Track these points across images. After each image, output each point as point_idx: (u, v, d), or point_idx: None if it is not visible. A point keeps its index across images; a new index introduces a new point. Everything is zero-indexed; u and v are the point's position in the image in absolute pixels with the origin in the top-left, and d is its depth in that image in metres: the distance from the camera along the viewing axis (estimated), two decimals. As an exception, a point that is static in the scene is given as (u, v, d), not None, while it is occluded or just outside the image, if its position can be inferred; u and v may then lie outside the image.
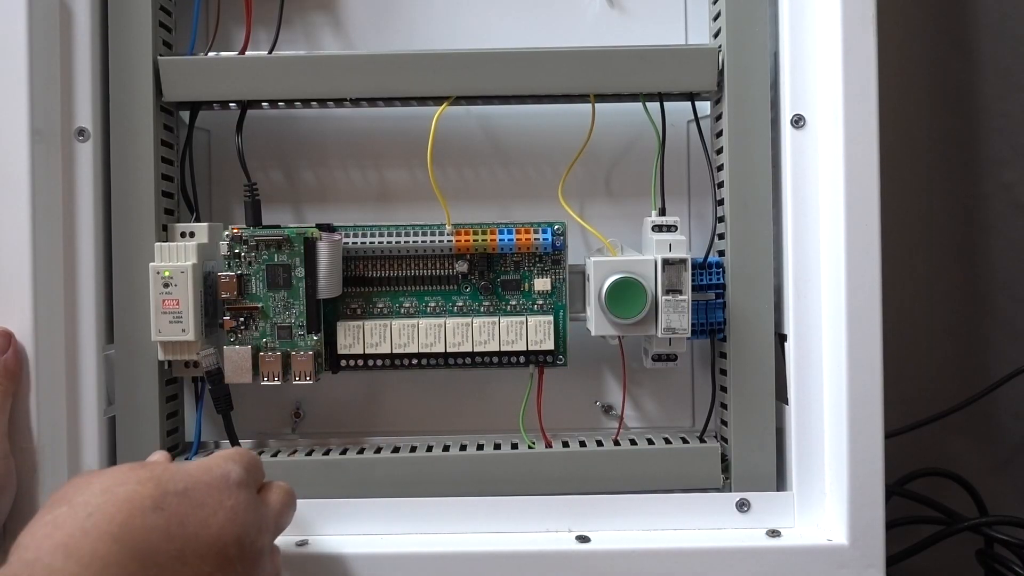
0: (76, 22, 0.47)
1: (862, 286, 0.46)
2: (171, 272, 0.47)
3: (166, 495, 0.35)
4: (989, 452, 0.69)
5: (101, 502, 0.34)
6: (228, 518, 0.36)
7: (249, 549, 0.37)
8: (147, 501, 0.34)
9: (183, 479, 0.36)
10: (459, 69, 0.49)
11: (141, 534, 0.33)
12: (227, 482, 0.38)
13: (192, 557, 0.34)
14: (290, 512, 0.42)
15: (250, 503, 0.38)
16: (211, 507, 0.36)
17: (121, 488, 0.35)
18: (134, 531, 0.33)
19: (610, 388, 0.55)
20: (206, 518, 0.35)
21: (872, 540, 0.45)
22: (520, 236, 0.49)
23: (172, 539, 0.34)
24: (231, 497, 0.37)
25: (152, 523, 0.34)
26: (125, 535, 0.33)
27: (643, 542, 0.46)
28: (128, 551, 0.32)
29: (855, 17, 0.46)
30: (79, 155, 0.47)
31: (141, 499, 0.34)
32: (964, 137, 0.69)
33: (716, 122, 0.52)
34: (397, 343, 0.49)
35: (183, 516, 0.35)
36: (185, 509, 0.35)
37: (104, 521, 0.33)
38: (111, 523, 0.33)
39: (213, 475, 0.38)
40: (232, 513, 0.37)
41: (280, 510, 0.41)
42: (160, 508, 0.34)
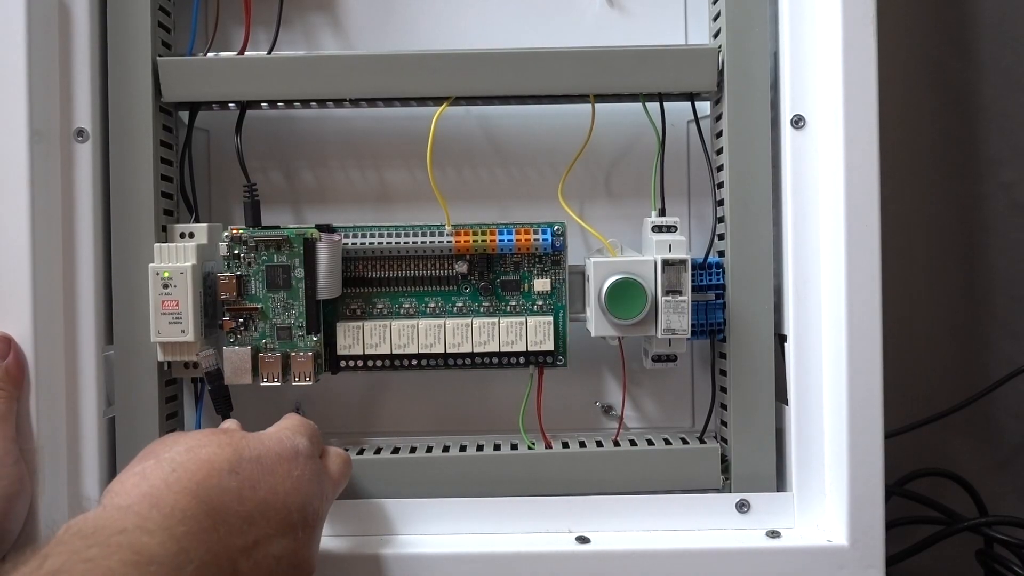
0: (75, 22, 0.47)
1: (862, 286, 0.46)
2: (170, 273, 0.47)
3: (241, 460, 0.38)
4: (989, 452, 0.69)
5: (185, 460, 0.37)
6: (295, 487, 0.39)
7: (311, 516, 0.40)
8: (225, 464, 0.37)
9: (257, 447, 0.40)
10: (459, 69, 0.49)
11: (217, 493, 0.36)
12: (296, 453, 0.41)
13: (259, 519, 0.37)
14: (347, 477, 0.46)
15: (314, 474, 0.41)
16: (280, 475, 0.39)
17: (203, 449, 0.38)
18: (211, 490, 0.36)
19: (610, 389, 0.55)
20: (275, 485, 0.38)
21: (872, 541, 0.45)
22: (520, 237, 0.49)
23: (243, 501, 0.37)
24: (298, 468, 0.40)
25: (227, 484, 0.37)
26: (203, 492, 0.36)
27: (643, 543, 0.46)
28: (204, 507, 0.35)
29: (855, 17, 0.46)
30: (78, 156, 0.47)
31: (220, 461, 0.37)
32: (964, 137, 0.69)
33: (716, 122, 0.52)
34: (397, 344, 0.49)
35: (255, 481, 0.38)
36: (257, 475, 0.38)
37: (186, 477, 0.36)
38: (192, 480, 0.36)
39: (284, 446, 0.41)
40: (299, 483, 0.40)
41: (338, 478, 0.45)
42: (235, 472, 0.37)
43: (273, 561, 0.37)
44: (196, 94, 0.50)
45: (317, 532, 0.41)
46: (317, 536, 0.41)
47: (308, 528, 0.40)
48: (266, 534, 0.37)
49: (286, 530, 0.38)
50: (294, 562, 0.38)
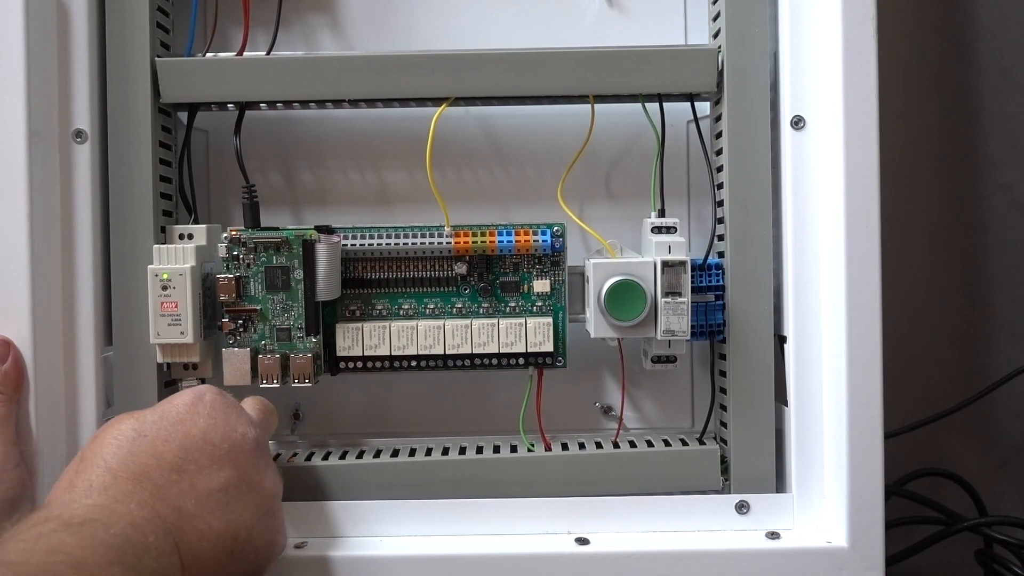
0: (73, 23, 0.47)
1: (862, 287, 0.46)
2: (169, 274, 0.47)
3: (146, 424, 0.39)
4: (989, 452, 0.69)
5: (92, 448, 0.39)
6: (209, 424, 0.40)
7: (240, 440, 0.41)
8: (130, 432, 0.39)
9: (158, 408, 0.41)
10: (458, 70, 0.49)
11: (129, 459, 0.38)
12: (200, 398, 0.41)
13: (185, 463, 0.38)
14: (272, 417, 0.47)
15: (227, 408, 0.42)
16: (189, 420, 0.40)
17: (106, 432, 0.40)
18: (122, 459, 0.38)
19: (609, 390, 0.55)
20: (189, 430, 0.40)
21: (871, 542, 0.45)
22: (519, 237, 0.49)
23: (160, 455, 0.38)
24: (205, 407, 0.41)
25: (138, 448, 0.38)
26: (113, 465, 0.38)
27: (642, 544, 0.46)
28: (121, 474, 0.37)
29: (855, 17, 0.46)
30: (77, 157, 0.47)
31: (123, 433, 0.39)
32: (964, 137, 0.68)
33: (716, 123, 0.52)
34: (396, 345, 0.49)
35: (166, 434, 0.39)
36: (165, 428, 0.39)
37: (95, 459, 0.38)
38: (101, 459, 0.38)
39: (184, 397, 0.41)
40: (210, 417, 0.40)
41: (264, 416, 0.45)
42: (143, 435, 0.39)
43: (220, 493, 0.39)
44: (195, 95, 0.49)
45: (256, 455, 0.41)
46: (259, 458, 0.41)
47: (241, 452, 0.40)
48: (199, 473, 0.38)
49: (219, 462, 0.39)
50: (244, 487, 0.40)
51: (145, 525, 0.35)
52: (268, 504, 0.41)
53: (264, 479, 0.41)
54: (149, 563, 0.34)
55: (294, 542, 0.46)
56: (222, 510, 0.38)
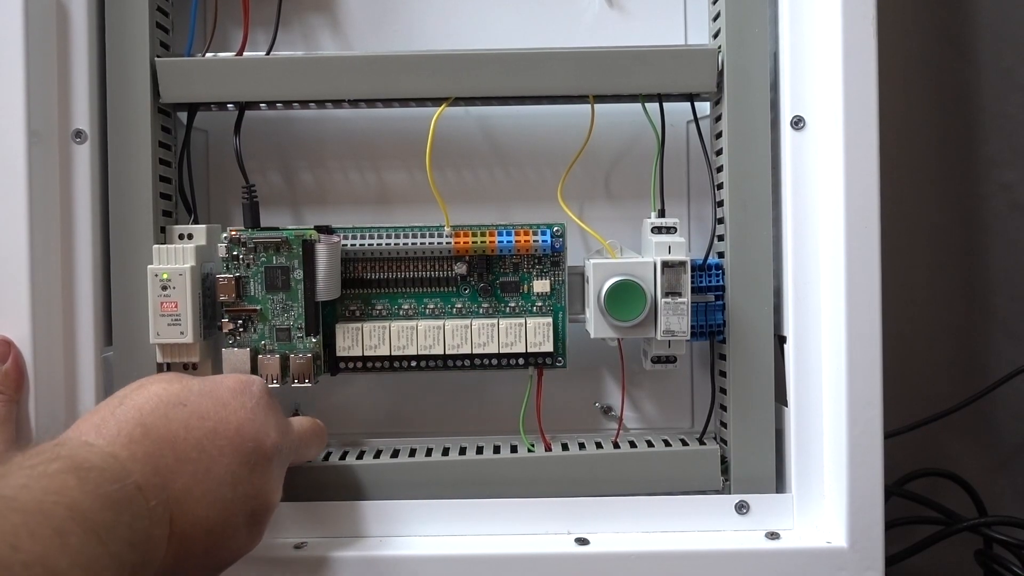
0: (73, 23, 0.47)
1: (862, 287, 0.46)
2: (169, 274, 0.47)
3: (190, 393, 0.39)
4: (989, 452, 0.69)
5: (133, 394, 0.39)
6: (248, 417, 0.40)
7: (268, 448, 0.40)
8: (172, 397, 0.39)
9: (209, 381, 0.41)
10: (458, 70, 0.49)
11: (163, 422, 0.37)
12: (249, 387, 0.41)
13: (210, 446, 0.38)
14: (317, 443, 0.47)
15: (270, 409, 0.42)
16: (233, 407, 0.40)
17: (153, 385, 0.40)
18: (157, 419, 0.37)
19: (609, 390, 0.55)
20: (227, 416, 0.39)
21: (871, 542, 0.45)
22: (519, 238, 0.49)
23: (191, 429, 0.38)
24: (251, 399, 0.41)
25: (174, 415, 0.38)
26: (148, 420, 0.37)
27: (642, 544, 0.46)
28: (149, 433, 0.37)
29: (855, 17, 0.46)
30: (76, 157, 0.47)
31: (168, 395, 0.39)
32: (964, 137, 0.68)
33: (716, 123, 0.52)
34: (396, 345, 0.49)
35: (204, 411, 0.39)
36: (207, 406, 0.39)
37: (132, 409, 0.38)
38: (138, 410, 0.38)
39: (236, 380, 0.41)
40: (252, 414, 0.40)
41: (303, 435, 0.45)
42: (183, 404, 0.39)
43: (228, 488, 0.38)
44: (195, 95, 0.49)
45: (274, 467, 0.41)
46: (275, 471, 0.41)
47: (263, 457, 0.40)
48: (218, 461, 0.38)
49: (240, 457, 0.39)
50: (250, 491, 0.39)
51: (151, 491, 0.35)
52: (262, 516, 0.40)
53: (270, 491, 0.41)
54: (141, 526, 0.34)
55: (293, 542, 0.47)
56: (221, 504, 0.38)
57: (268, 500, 0.40)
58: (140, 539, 0.33)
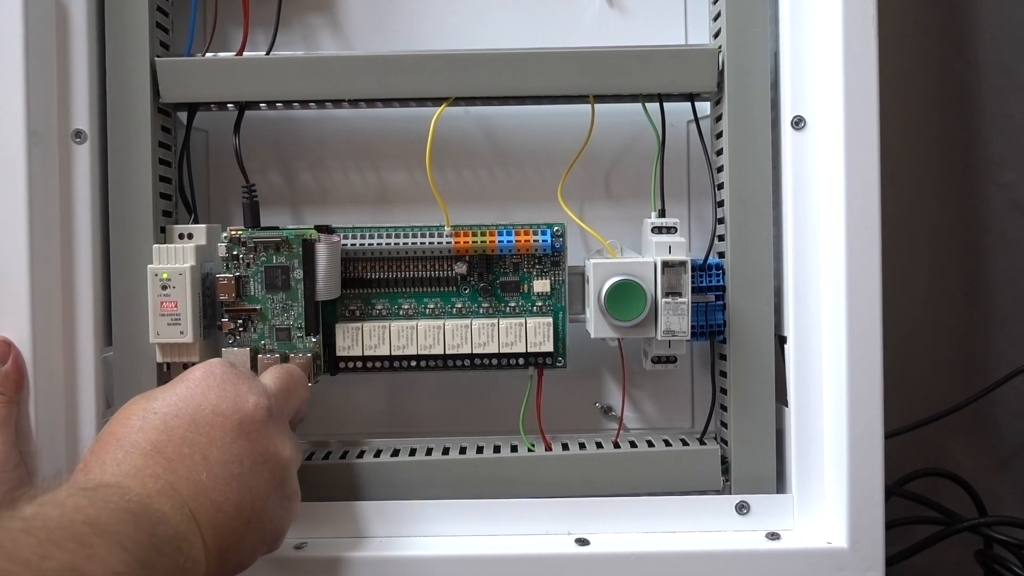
0: (72, 23, 0.47)
1: (862, 287, 0.46)
2: (169, 274, 0.47)
3: (155, 400, 0.40)
4: (989, 452, 0.69)
5: (107, 427, 0.39)
6: (218, 395, 0.40)
7: (251, 411, 0.40)
8: (141, 410, 0.39)
9: (170, 384, 0.41)
10: (458, 70, 0.49)
11: (140, 435, 0.38)
12: (211, 369, 0.41)
13: (195, 436, 0.38)
14: (300, 387, 0.46)
15: (238, 379, 0.41)
16: (200, 393, 0.40)
17: (122, 411, 0.40)
18: (133, 436, 0.38)
19: (610, 390, 0.55)
20: (198, 403, 0.39)
21: (872, 543, 0.45)
22: (519, 237, 0.49)
23: (171, 430, 0.38)
24: (214, 379, 0.41)
25: (148, 424, 0.38)
26: (126, 441, 0.37)
27: (642, 545, 0.46)
28: (132, 452, 0.37)
29: (856, 17, 0.46)
30: (76, 157, 0.47)
31: (137, 410, 0.39)
32: (964, 138, 0.68)
33: (716, 123, 0.52)
34: (396, 345, 0.49)
35: (176, 409, 0.39)
36: (175, 403, 0.39)
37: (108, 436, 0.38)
38: (114, 436, 0.38)
39: (196, 371, 0.41)
40: (220, 389, 0.40)
41: (281, 387, 0.44)
42: (153, 412, 0.39)
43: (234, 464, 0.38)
44: (194, 95, 0.49)
45: (270, 426, 0.41)
46: (272, 428, 0.41)
47: (252, 421, 0.40)
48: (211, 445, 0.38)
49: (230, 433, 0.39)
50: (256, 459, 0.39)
51: (159, 497, 0.35)
52: (282, 473, 0.41)
53: (279, 448, 0.41)
54: (165, 530, 0.34)
55: (293, 543, 0.46)
56: (237, 481, 0.38)
57: (280, 456, 0.40)
58: (168, 545, 0.34)
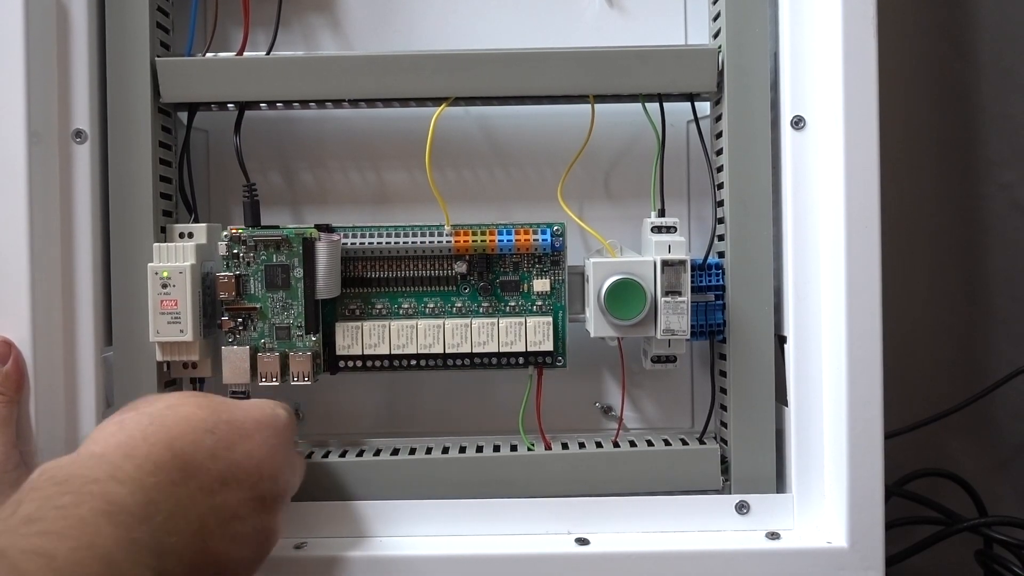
0: (73, 23, 0.47)
1: (862, 287, 0.46)
2: (169, 273, 0.47)
3: (219, 421, 0.39)
4: (989, 452, 0.69)
5: (163, 414, 0.38)
6: (269, 455, 0.40)
7: (282, 488, 0.41)
8: (201, 423, 0.38)
9: (236, 410, 0.40)
10: (458, 70, 0.49)
11: (191, 449, 0.37)
12: (276, 423, 0.41)
13: (231, 481, 0.38)
14: None
15: (289, 448, 0.42)
16: (257, 442, 0.40)
17: (183, 407, 0.39)
18: (186, 445, 0.37)
19: (609, 389, 0.55)
20: (251, 450, 0.39)
21: (872, 542, 0.45)
22: (519, 237, 0.49)
23: (217, 460, 0.38)
24: (275, 437, 0.41)
25: (203, 441, 0.37)
26: (177, 446, 0.37)
27: (642, 544, 0.46)
28: (177, 461, 0.36)
29: (855, 17, 0.46)
30: (77, 157, 0.47)
31: (197, 419, 0.38)
32: (964, 138, 0.68)
33: (716, 123, 0.52)
34: (396, 344, 0.49)
35: (231, 443, 0.38)
36: (234, 437, 0.39)
37: (163, 430, 0.37)
38: (168, 433, 0.37)
39: (264, 413, 0.41)
40: (274, 452, 0.40)
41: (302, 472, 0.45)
42: (211, 431, 0.38)
43: (239, 523, 0.38)
44: (195, 95, 0.49)
45: (282, 507, 0.41)
46: (282, 511, 0.42)
47: (278, 499, 0.40)
48: (236, 497, 0.38)
49: (256, 496, 0.39)
50: (259, 528, 0.39)
51: (172, 525, 0.34)
52: (263, 553, 0.40)
53: (275, 531, 0.41)
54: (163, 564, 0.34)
55: (293, 542, 0.46)
56: (233, 541, 0.38)
57: (272, 539, 0.41)
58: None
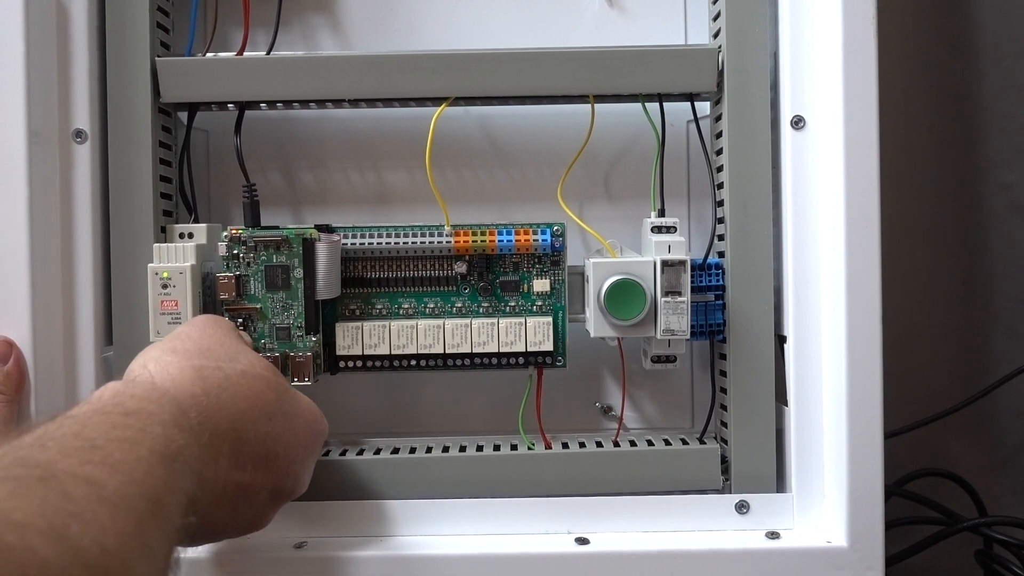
0: (73, 23, 0.47)
1: (862, 287, 0.46)
2: (169, 273, 0.47)
3: (278, 411, 0.40)
4: (989, 452, 0.69)
5: (238, 383, 0.39)
6: (303, 458, 0.42)
7: (297, 490, 0.42)
8: (265, 407, 0.39)
9: (295, 404, 0.42)
10: (458, 69, 0.49)
11: (248, 428, 0.38)
12: (319, 431, 0.43)
13: (263, 468, 0.39)
14: None
15: (315, 457, 0.44)
16: (300, 443, 0.41)
17: (256, 381, 0.39)
18: (246, 424, 0.38)
19: (609, 389, 0.55)
20: (292, 448, 0.40)
21: (871, 542, 0.45)
22: (519, 237, 0.49)
23: (263, 445, 0.38)
24: (314, 444, 0.43)
25: (260, 425, 0.38)
26: (238, 423, 0.38)
27: (642, 544, 0.46)
28: (232, 435, 0.37)
29: (855, 17, 0.46)
30: (77, 157, 0.47)
31: (263, 401, 0.39)
32: (964, 137, 0.68)
33: (716, 123, 0.52)
34: (396, 344, 0.49)
35: (280, 434, 0.39)
36: (285, 431, 0.40)
37: (232, 402, 0.38)
38: (236, 406, 0.38)
39: (315, 417, 0.43)
40: (308, 456, 0.42)
41: None
42: (270, 418, 0.39)
43: (248, 505, 0.39)
44: (195, 95, 0.49)
45: (276, 511, 0.42)
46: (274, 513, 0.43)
47: (288, 497, 0.42)
48: (261, 483, 0.39)
49: (275, 489, 0.40)
50: (260, 515, 0.40)
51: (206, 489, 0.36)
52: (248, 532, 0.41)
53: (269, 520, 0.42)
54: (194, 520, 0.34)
55: (294, 542, 0.47)
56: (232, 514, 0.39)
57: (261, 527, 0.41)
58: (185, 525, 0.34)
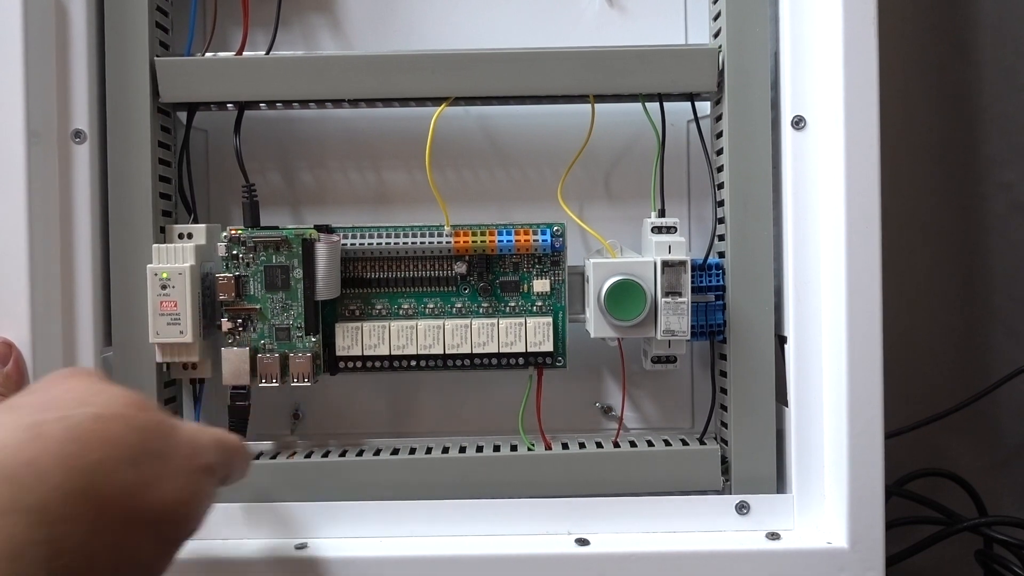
0: (72, 23, 0.47)
1: (862, 287, 0.46)
2: (169, 274, 0.47)
3: (146, 453, 0.33)
4: (989, 452, 0.69)
5: (88, 431, 0.32)
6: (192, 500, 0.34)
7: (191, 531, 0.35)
8: (127, 451, 0.32)
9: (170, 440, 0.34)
10: (458, 69, 0.49)
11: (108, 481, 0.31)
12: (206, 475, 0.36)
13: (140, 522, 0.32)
14: None
15: (208, 496, 0.36)
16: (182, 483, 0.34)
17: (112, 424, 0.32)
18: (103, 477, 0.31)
19: (609, 390, 0.55)
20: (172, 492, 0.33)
21: (872, 543, 0.45)
22: (519, 237, 0.49)
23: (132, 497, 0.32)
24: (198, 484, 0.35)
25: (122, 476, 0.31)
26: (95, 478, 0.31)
27: (642, 545, 0.46)
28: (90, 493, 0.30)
29: (856, 17, 0.46)
30: (76, 157, 0.47)
31: (124, 446, 0.32)
32: (964, 137, 0.68)
33: (716, 123, 0.52)
34: (396, 344, 0.49)
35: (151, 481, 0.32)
36: (155, 475, 0.33)
37: (82, 454, 0.31)
38: (87, 459, 0.31)
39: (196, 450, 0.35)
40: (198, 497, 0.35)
41: None
42: (135, 464, 0.32)
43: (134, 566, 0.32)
44: (194, 94, 0.49)
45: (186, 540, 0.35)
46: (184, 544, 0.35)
47: (176, 544, 0.34)
48: (141, 538, 0.32)
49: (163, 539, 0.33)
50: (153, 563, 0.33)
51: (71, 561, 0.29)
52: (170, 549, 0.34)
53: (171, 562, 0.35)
54: None
55: (294, 543, 0.46)
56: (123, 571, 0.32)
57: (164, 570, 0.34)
58: None
